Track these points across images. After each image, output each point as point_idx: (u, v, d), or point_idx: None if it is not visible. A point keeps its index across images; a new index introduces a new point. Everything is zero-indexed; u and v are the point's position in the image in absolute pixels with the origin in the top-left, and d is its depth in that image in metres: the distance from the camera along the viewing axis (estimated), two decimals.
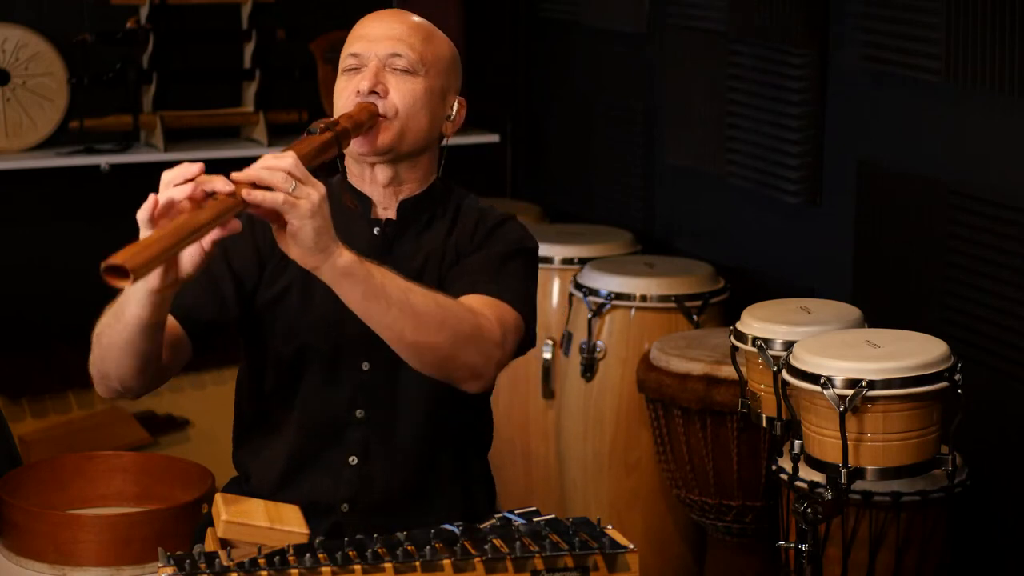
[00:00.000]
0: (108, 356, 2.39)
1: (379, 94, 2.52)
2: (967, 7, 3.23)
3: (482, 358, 2.42)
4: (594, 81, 4.72)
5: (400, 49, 2.54)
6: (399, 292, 2.33)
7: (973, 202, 3.30)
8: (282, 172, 2.23)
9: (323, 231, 2.25)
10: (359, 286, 2.30)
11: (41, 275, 4.62)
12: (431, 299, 2.37)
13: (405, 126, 2.53)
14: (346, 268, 2.28)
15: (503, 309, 2.48)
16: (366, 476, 2.57)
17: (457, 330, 2.38)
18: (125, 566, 3.30)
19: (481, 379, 2.45)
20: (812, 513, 2.79)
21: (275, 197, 2.22)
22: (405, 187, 2.60)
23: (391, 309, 2.32)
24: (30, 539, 3.31)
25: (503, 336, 2.45)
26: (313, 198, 2.24)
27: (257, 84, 4.67)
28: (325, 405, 2.57)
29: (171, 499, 3.45)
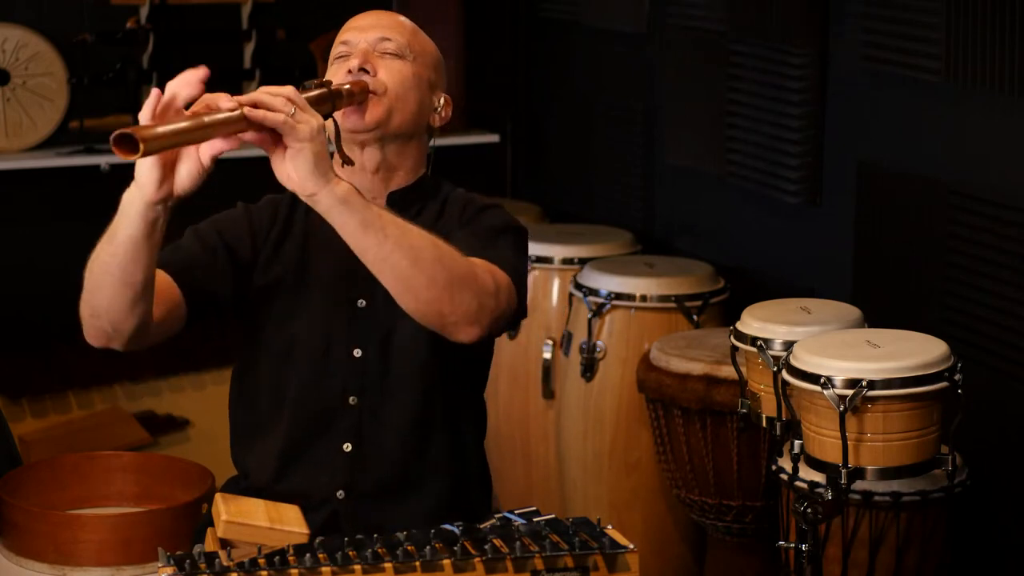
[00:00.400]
0: (99, 284, 2.38)
1: (368, 71, 2.55)
2: (967, 7, 3.23)
3: (476, 301, 2.38)
4: (594, 81, 4.72)
5: (388, 34, 2.60)
6: (396, 226, 2.34)
7: (973, 202, 3.30)
8: (283, 97, 2.27)
9: (321, 157, 2.27)
10: (356, 215, 2.30)
11: (41, 275, 4.61)
12: (427, 238, 2.37)
13: (394, 104, 2.56)
14: (344, 196, 2.29)
15: (494, 268, 2.47)
16: (360, 462, 2.58)
17: (452, 269, 2.36)
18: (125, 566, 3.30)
19: (475, 326, 2.40)
20: (812, 513, 2.79)
21: (276, 116, 2.25)
22: (394, 177, 2.62)
23: (387, 240, 2.31)
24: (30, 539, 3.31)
25: (496, 288, 2.43)
26: (312, 123, 2.27)
27: (257, 84, 4.67)
28: (317, 393, 2.58)
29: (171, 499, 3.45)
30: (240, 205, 2.67)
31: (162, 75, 4.58)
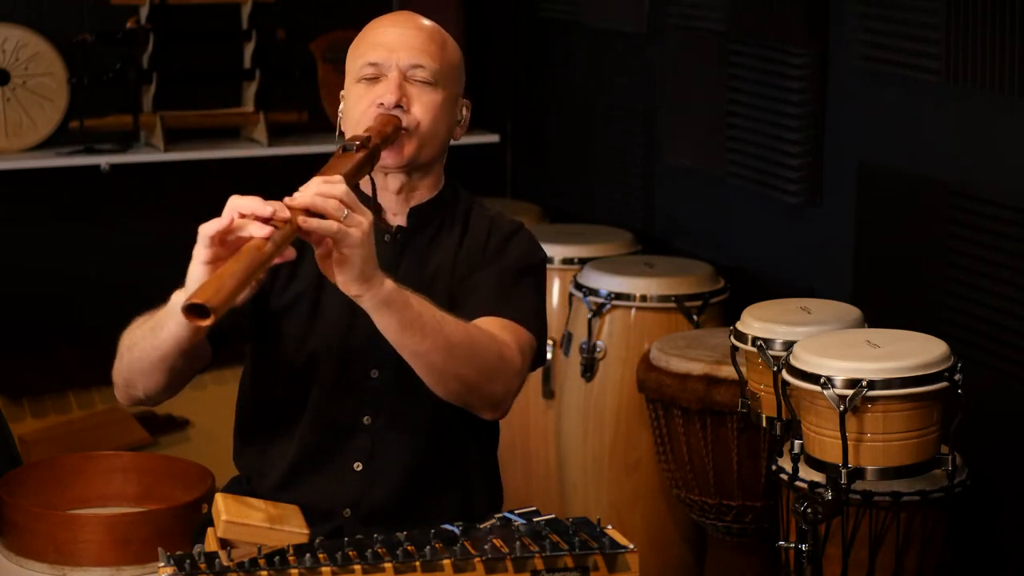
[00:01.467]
0: (138, 368, 2.41)
1: (403, 107, 2.52)
2: (967, 7, 3.23)
3: (503, 389, 2.46)
4: (594, 81, 4.72)
5: (422, 60, 2.54)
6: (434, 322, 2.35)
7: (973, 202, 3.30)
8: (335, 200, 2.23)
9: (369, 260, 2.27)
10: (397, 315, 2.32)
11: (41, 275, 4.62)
12: (463, 331, 2.39)
13: (425, 139, 2.55)
14: (387, 297, 2.30)
15: (519, 333, 2.50)
16: (370, 482, 2.57)
17: (484, 362, 2.41)
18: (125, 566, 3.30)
19: (499, 409, 2.50)
20: (812, 513, 2.79)
21: (329, 226, 2.22)
22: (416, 194, 2.61)
23: (426, 339, 2.34)
24: (30, 539, 3.31)
25: (523, 364, 2.49)
26: (364, 226, 2.25)
27: (257, 84, 4.67)
28: (333, 411, 2.57)
29: (171, 499, 3.46)
30: None
31: (162, 75, 4.58)
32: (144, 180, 4.65)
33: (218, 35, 4.73)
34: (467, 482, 2.64)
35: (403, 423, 2.55)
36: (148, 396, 2.45)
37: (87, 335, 4.52)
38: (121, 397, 2.50)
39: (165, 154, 4.52)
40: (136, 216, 4.68)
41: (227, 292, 2.07)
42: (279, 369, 2.59)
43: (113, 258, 4.68)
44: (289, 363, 2.57)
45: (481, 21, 4.95)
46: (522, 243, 2.63)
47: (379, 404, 2.55)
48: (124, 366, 2.44)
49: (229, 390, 2.73)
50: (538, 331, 2.56)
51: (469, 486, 2.64)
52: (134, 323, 2.44)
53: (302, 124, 4.72)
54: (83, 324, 4.57)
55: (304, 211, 2.23)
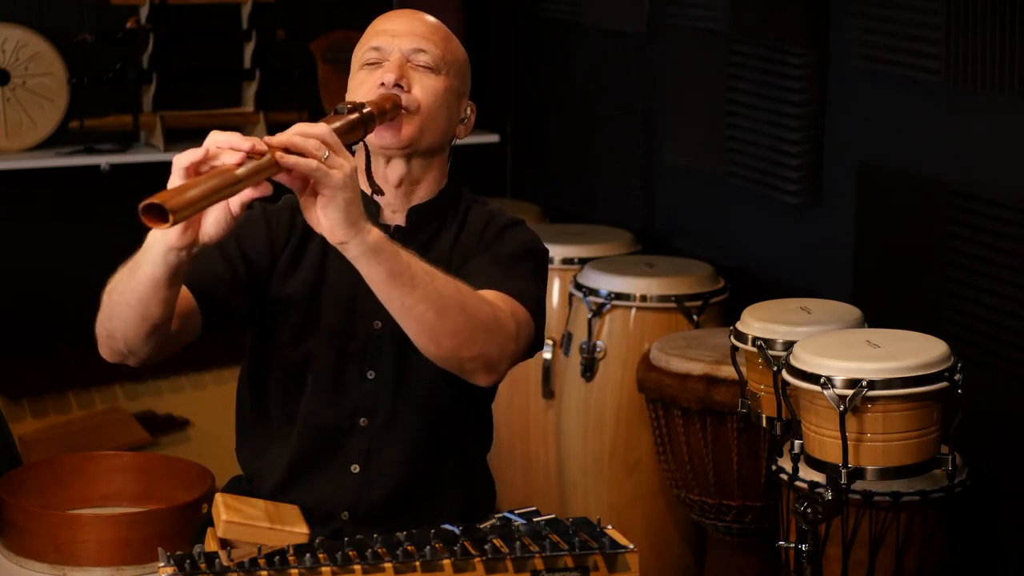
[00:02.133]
0: (117, 314, 2.34)
1: (402, 87, 2.51)
2: (967, 7, 3.23)
3: (497, 349, 2.39)
4: (594, 81, 4.72)
5: (424, 45, 2.54)
6: (424, 274, 2.30)
7: (973, 202, 3.30)
8: (316, 139, 2.21)
9: (353, 203, 2.22)
10: (385, 264, 2.27)
11: (41, 275, 4.62)
12: (453, 285, 2.34)
13: (426, 122, 2.52)
14: (375, 244, 2.25)
15: (516, 305, 2.46)
16: (367, 484, 2.56)
17: (476, 318, 2.35)
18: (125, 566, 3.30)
19: (494, 372, 2.42)
20: (812, 513, 2.79)
21: (308, 163, 2.19)
22: (417, 190, 2.59)
23: (415, 290, 2.29)
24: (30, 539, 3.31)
25: (517, 330, 2.43)
26: (346, 168, 2.21)
27: (257, 84, 4.68)
28: (329, 412, 2.55)
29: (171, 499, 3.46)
30: (258, 207, 2.60)
31: (162, 75, 4.58)
32: (144, 180, 4.61)
33: (218, 35, 4.73)
34: (463, 482, 2.63)
35: (399, 425, 2.54)
36: (129, 348, 2.37)
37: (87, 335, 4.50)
38: (104, 352, 2.43)
39: (165, 154, 4.52)
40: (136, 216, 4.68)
41: (188, 199, 2.03)
42: (276, 367, 2.58)
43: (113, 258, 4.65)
44: (285, 362, 2.57)
45: (481, 21, 4.95)
46: (522, 234, 2.60)
47: (375, 406, 2.54)
48: (104, 315, 2.38)
49: (229, 390, 2.72)
50: (535, 313, 2.50)
51: (465, 486, 2.63)
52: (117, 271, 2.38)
53: None
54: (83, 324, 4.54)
55: (283, 149, 2.20)
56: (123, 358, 2.42)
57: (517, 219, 2.63)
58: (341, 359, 2.53)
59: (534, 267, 2.57)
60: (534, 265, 2.57)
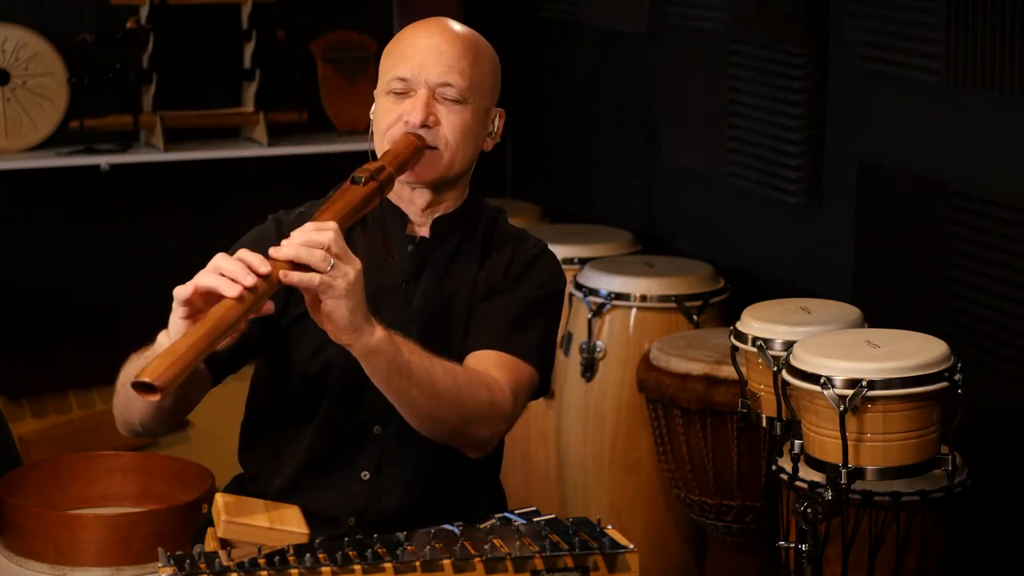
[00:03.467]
0: (133, 407, 2.40)
1: (429, 126, 2.50)
2: (967, 7, 3.23)
3: (489, 433, 2.46)
4: (594, 81, 4.72)
5: (451, 78, 2.51)
6: (422, 370, 2.35)
7: (973, 202, 3.30)
8: (321, 251, 2.22)
9: (356, 310, 2.26)
10: (386, 364, 2.33)
11: (41, 275, 4.62)
12: (451, 378, 2.39)
13: (453, 157, 2.54)
14: (376, 346, 2.30)
15: (519, 371, 2.50)
16: (377, 491, 2.57)
17: (472, 409, 2.41)
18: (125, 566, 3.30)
19: (483, 450, 2.50)
20: (812, 513, 2.79)
21: (311, 279, 2.21)
22: (440, 206, 2.61)
23: (413, 387, 2.35)
24: (30, 539, 3.31)
25: (514, 407, 2.49)
26: (350, 276, 2.23)
27: (257, 84, 4.67)
28: (344, 419, 2.56)
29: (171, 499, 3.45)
30: (271, 220, 2.61)
31: (162, 75, 4.58)
32: (144, 180, 4.65)
33: (218, 35, 4.73)
34: (473, 496, 2.64)
35: (412, 435, 2.54)
36: (146, 429, 2.45)
37: (87, 335, 4.52)
38: (122, 430, 2.49)
39: (165, 154, 4.52)
40: (136, 216, 4.68)
41: (177, 369, 2.06)
42: (294, 374, 2.58)
43: (113, 258, 4.68)
44: (303, 372, 2.57)
45: (481, 21, 4.93)
46: (543, 269, 2.62)
47: (390, 415, 2.54)
48: (120, 402, 2.44)
49: (229, 390, 2.72)
50: (541, 365, 2.56)
51: (474, 500, 2.64)
52: (129, 360, 2.41)
53: (302, 124, 4.72)
54: (83, 324, 4.57)
55: (288, 263, 2.21)
56: (139, 436, 2.51)
57: (540, 247, 2.65)
58: (359, 371, 2.53)
59: (547, 314, 2.61)
60: (547, 311, 2.61)
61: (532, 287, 2.59)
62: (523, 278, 2.59)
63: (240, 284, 2.16)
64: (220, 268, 2.18)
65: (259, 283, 2.18)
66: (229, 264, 2.18)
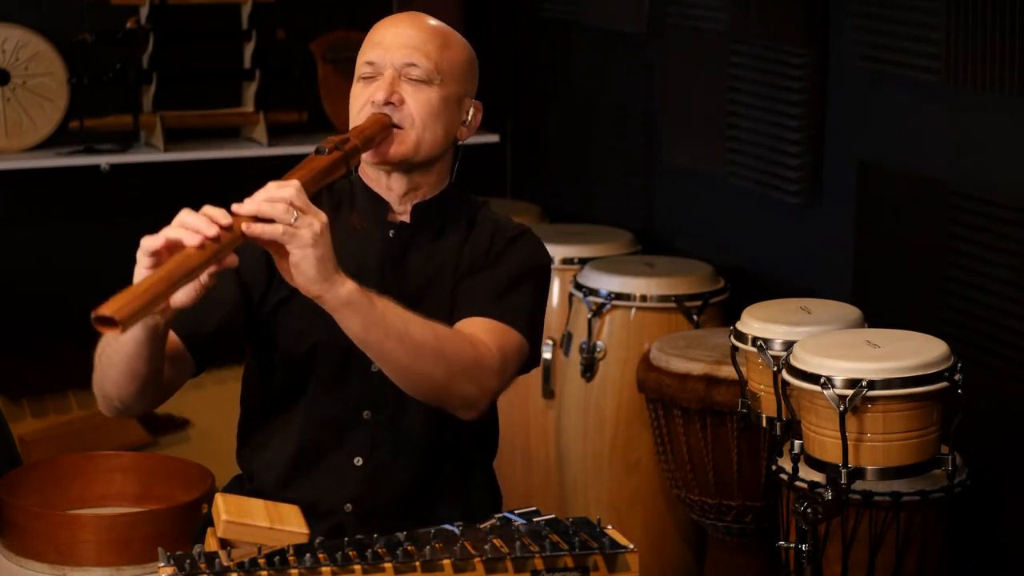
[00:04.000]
0: (107, 376, 2.40)
1: (394, 104, 2.52)
2: (967, 7, 3.23)
3: (477, 389, 2.43)
4: (594, 81, 4.72)
5: (415, 58, 2.54)
6: (399, 322, 2.34)
7: (973, 202, 3.30)
8: (283, 203, 2.23)
9: (325, 260, 2.25)
10: (359, 315, 2.31)
11: (41, 275, 4.62)
12: (430, 330, 2.38)
13: (420, 136, 2.54)
14: (348, 297, 2.29)
15: (506, 335, 2.49)
16: (371, 478, 2.57)
17: (454, 361, 2.39)
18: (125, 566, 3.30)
19: (474, 409, 2.47)
20: (812, 513, 2.79)
21: (274, 229, 2.22)
22: (419, 192, 2.61)
23: (389, 339, 2.33)
24: (30, 539, 3.31)
25: (502, 365, 2.47)
26: (315, 227, 2.24)
27: (257, 84, 4.67)
28: (333, 405, 2.57)
29: (171, 499, 3.45)
30: None
31: (162, 75, 4.58)
32: (144, 180, 4.65)
33: (218, 35, 4.73)
34: (468, 478, 2.64)
35: (404, 419, 2.55)
36: (124, 405, 2.43)
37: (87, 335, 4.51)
38: (102, 407, 2.48)
39: (165, 154, 4.52)
40: (136, 216, 4.68)
41: (137, 305, 2.07)
42: (280, 362, 2.59)
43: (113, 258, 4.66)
44: (289, 357, 2.58)
45: (481, 21, 4.95)
46: (526, 246, 2.62)
47: (379, 399, 2.55)
48: (97, 377, 2.43)
49: (229, 390, 2.73)
50: (529, 334, 2.54)
51: (470, 482, 2.64)
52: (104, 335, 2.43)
53: (302, 124, 4.72)
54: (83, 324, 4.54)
55: (251, 218, 2.22)
56: (121, 413, 2.48)
57: (523, 228, 2.65)
58: (345, 352, 2.54)
59: (533, 286, 2.59)
60: (533, 283, 2.59)
61: (515, 261, 2.59)
62: (505, 254, 2.59)
63: (202, 234, 2.17)
64: (183, 221, 2.20)
65: (221, 234, 2.19)
66: (192, 218, 2.19)
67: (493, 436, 2.71)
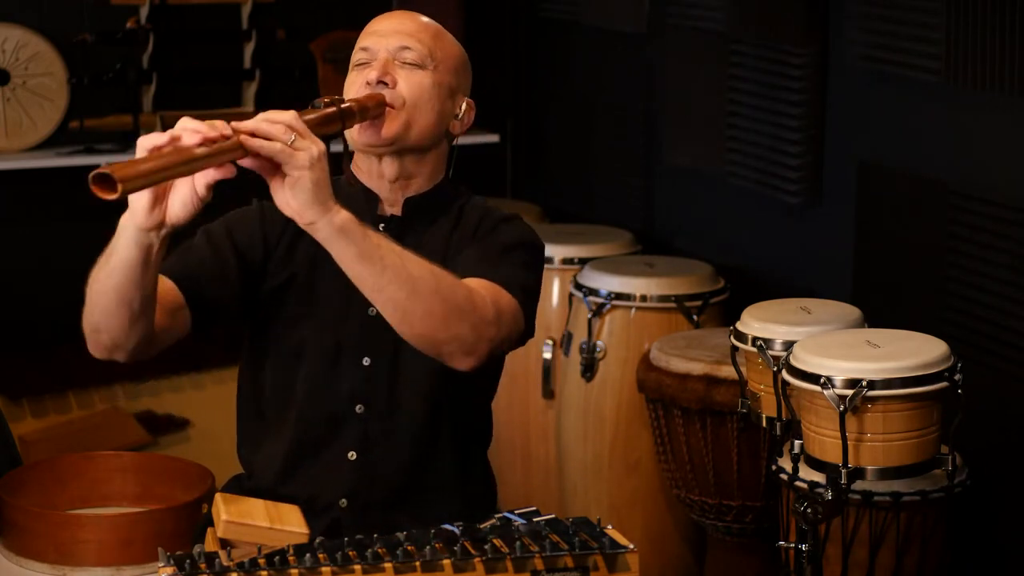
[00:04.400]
0: (97, 304, 2.37)
1: (387, 84, 2.53)
2: (967, 7, 3.23)
3: (473, 332, 2.38)
4: (594, 81, 4.72)
5: (409, 43, 2.56)
6: (394, 255, 2.32)
7: (973, 202, 3.30)
8: (282, 124, 2.24)
9: (321, 184, 2.24)
10: (354, 245, 2.28)
11: (41, 275, 4.62)
12: (426, 267, 2.35)
13: (412, 117, 2.54)
14: (343, 225, 2.27)
15: (499, 292, 2.46)
16: (365, 471, 2.57)
17: (450, 299, 2.35)
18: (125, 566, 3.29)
19: (471, 356, 2.40)
20: (812, 513, 2.79)
21: (272, 145, 2.22)
22: (412, 183, 2.61)
23: (385, 271, 2.30)
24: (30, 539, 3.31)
25: (496, 315, 2.42)
26: (312, 151, 2.24)
27: (257, 84, 4.68)
28: (325, 399, 2.57)
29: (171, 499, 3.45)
30: (255, 203, 2.63)
31: (162, 75, 4.58)
32: None
33: (218, 35, 4.73)
34: (463, 477, 2.64)
35: (397, 412, 2.55)
36: (114, 341, 2.39)
37: None
38: (91, 348, 2.44)
39: None
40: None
41: (138, 171, 2.06)
42: (271, 355, 2.59)
43: None
44: (280, 349, 2.58)
45: (481, 21, 4.95)
46: (516, 227, 2.61)
47: (372, 392, 2.55)
48: (87, 308, 2.40)
49: (229, 390, 2.72)
50: (521, 298, 2.49)
51: (465, 481, 2.64)
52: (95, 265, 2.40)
53: None
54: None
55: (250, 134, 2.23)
56: (110, 352, 2.42)
57: (513, 214, 2.65)
58: (336, 345, 2.54)
59: (525, 257, 2.57)
60: (525, 255, 2.57)
61: (505, 238, 2.57)
62: (496, 231, 2.58)
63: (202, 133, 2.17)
64: (184, 125, 2.20)
65: (220, 138, 2.19)
66: (193, 122, 2.20)
67: (487, 426, 2.71)
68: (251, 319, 2.61)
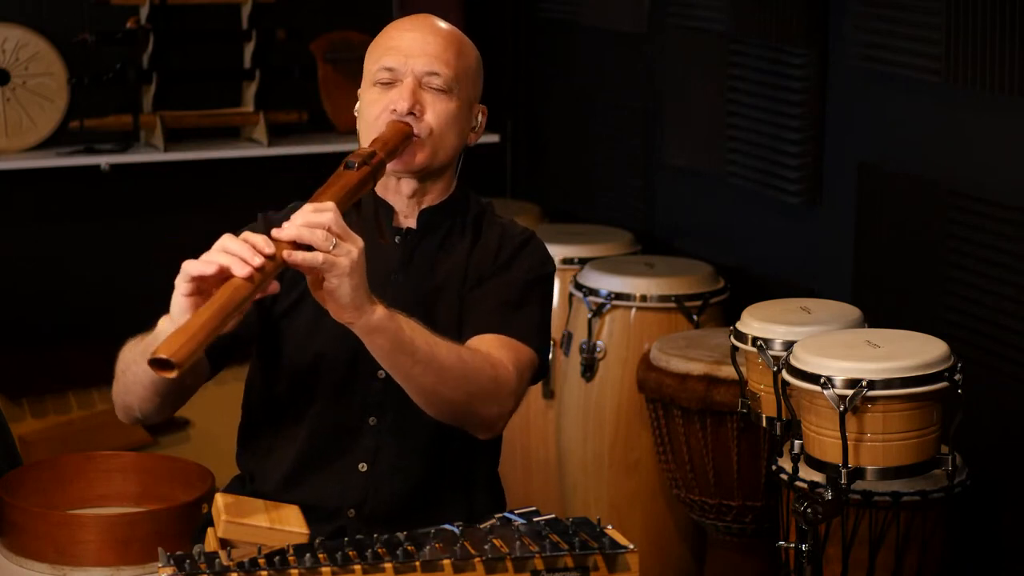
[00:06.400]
0: (132, 392, 2.42)
1: (415, 115, 2.52)
2: (967, 7, 3.23)
3: (497, 410, 2.47)
4: (594, 81, 4.72)
5: (437, 67, 2.54)
6: (426, 346, 2.36)
7: (973, 202, 3.30)
8: (323, 231, 2.23)
9: (359, 288, 2.26)
10: (389, 341, 2.32)
11: (41, 275, 4.62)
12: (455, 354, 2.39)
13: (438, 146, 2.55)
14: (378, 324, 2.30)
15: (520, 351, 2.51)
16: (375, 483, 2.57)
17: (477, 385, 2.41)
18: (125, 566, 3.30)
19: (492, 430, 2.51)
20: (812, 513, 2.79)
21: (315, 258, 2.22)
22: (426, 197, 2.62)
23: (417, 363, 2.35)
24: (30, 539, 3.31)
25: (519, 384, 2.50)
26: (352, 255, 2.24)
27: (257, 84, 4.67)
28: (338, 411, 2.57)
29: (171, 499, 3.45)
30: (260, 219, 2.62)
31: (162, 75, 4.58)
32: (144, 180, 4.65)
33: (218, 35, 4.73)
34: (471, 485, 2.64)
35: (408, 425, 2.55)
36: (145, 416, 2.46)
37: (87, 335, 4.52)
38: (120, 416, 2.50)
39: (165, 154, 4.52)
40: (136, 216, 4.69)
41: (194, 345, 2.08)
42: (285, 368, 2.59)
43: (113, 258, 4.68)
44: (295, 363, 2.58)
45: (481, 21, 4.95)
46: (533, 254, 2.63)
47: (384, 405, 2.55)
48: (119, 388, 2.45)
49: (229, 390, 2.72)
50: (540, 347, 2.57)
51: (473, 488, 2.64)
52: (127, 345, 2.43)
53: (302, 124, 4.73)
54: (83, 324, 4.57)
55: (291, 243, 2.22)
56: (138, 422, 2.51)
57: (528, 234, 2.67)
58: (351, 358, 2.54)
59: (541, 295, 2.61)
60: (541, 293, 2.62)
61: (523, 271, 2.60)
62: (512, 263, 2.61)
63: (249, 264, 2.16)
64: (227, 248, 2.20)
65: (266, 263, 2.19)
66: (236, 244, 2.19)
67: (496, 440, 2.71)
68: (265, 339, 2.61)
